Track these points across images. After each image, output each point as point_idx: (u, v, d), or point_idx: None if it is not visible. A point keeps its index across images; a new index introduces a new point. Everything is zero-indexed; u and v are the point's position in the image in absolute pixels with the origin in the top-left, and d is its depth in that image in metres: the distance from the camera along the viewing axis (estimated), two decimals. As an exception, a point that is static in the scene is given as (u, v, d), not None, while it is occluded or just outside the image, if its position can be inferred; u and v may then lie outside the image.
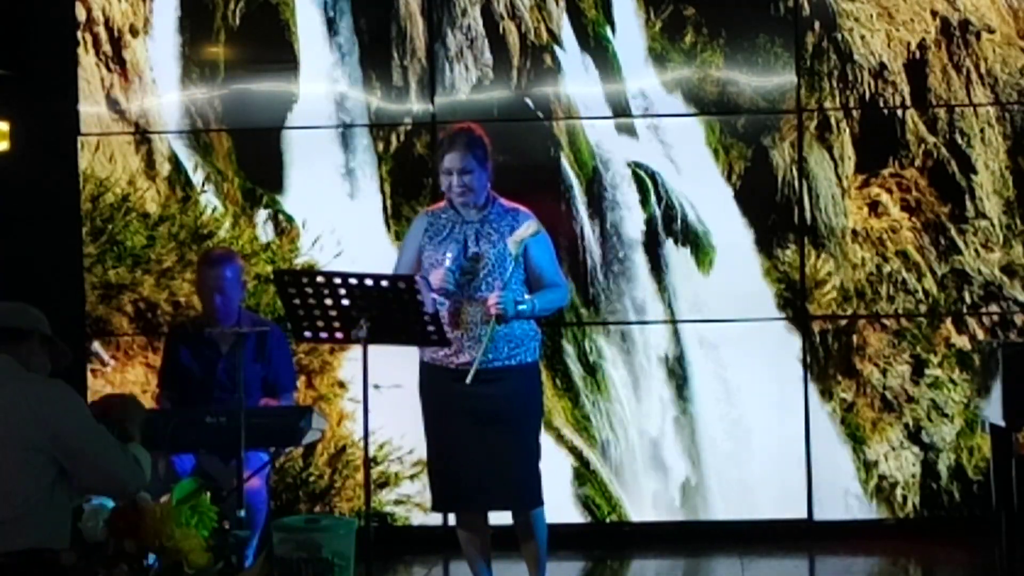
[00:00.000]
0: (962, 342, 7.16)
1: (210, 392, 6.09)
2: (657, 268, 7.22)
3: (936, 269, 7.18)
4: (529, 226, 5.48)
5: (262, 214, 7.30)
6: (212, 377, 6.12)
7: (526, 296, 5.50)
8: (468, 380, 5.36)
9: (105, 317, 7.29)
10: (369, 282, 5.30)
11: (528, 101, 7.25)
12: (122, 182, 7.29)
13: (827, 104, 7.18)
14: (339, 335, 5.43)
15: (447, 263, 5.44)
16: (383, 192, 7.26)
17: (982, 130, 7.15)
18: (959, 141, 7.16)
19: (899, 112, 7.16)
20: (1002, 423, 5.84)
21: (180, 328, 6.42)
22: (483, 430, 5.46)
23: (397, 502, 7.25)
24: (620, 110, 7.23)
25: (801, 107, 7.17)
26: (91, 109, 7.30)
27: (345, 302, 5.32)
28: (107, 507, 4.64)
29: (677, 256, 7.22)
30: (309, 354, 7.11)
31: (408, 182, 7.24)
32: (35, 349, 4.33)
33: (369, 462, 5.51)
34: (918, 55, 7.17)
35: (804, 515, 7.17)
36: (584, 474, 7.19)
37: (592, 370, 7.22)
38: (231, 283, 6.13)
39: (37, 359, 4.32)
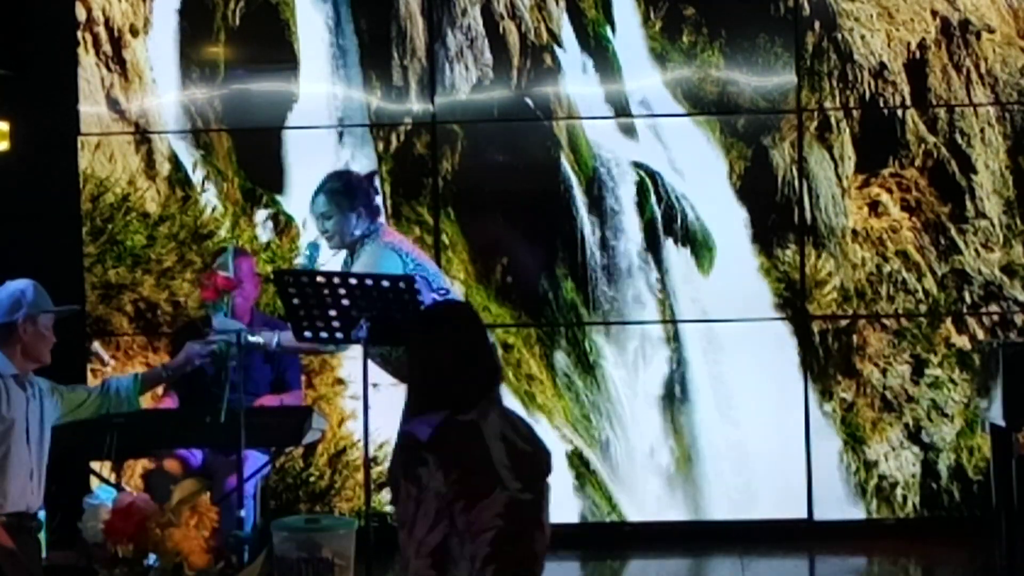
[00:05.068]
0: (962, 342, 7.16)
1: (221, 392, 6.08)
2: (657, 268, 7.22)
3: (936, 269, 7.18)
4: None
5: (262, 214, 7.30)
6: (223, 377, 6.11)
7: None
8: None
9: (105, 317, 7.28)
10: (369, 282, 5.30)
11: (528, 101, 7.24)
12: (122, 182, 7.28)
13: (827, 104, 7.18)
14: (339, 335, 5.42)
15: None
16: (383, 192, 7.25)
17: (982, 130, 7.15)
18: (959, 141, 7.16)
19: (899, 112, 7.16)
20: (1002, 423, 5.84)
21: (191, 326, 6.40)
22: None
23: (397, 502, 7.23)
24: (620, 110, 7.22)
25: (801, 107, 7.17)
26: (91, 109, 7.29)
27: (345, 302, 5.32)
28: (107, 507, 4.63)
29: (677, 256, 7.21)
30: (309, 353, 7.10)
31: (408, 182, 7.24)
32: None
33: (369, 462, 5.51)
34: (918, 55, 7.17)
35: (804, 515, 7.17)
36: (584, 474, 7.19)
37: (591, 369, 7.21)
38: (246, 275, 6.13)
39: None
